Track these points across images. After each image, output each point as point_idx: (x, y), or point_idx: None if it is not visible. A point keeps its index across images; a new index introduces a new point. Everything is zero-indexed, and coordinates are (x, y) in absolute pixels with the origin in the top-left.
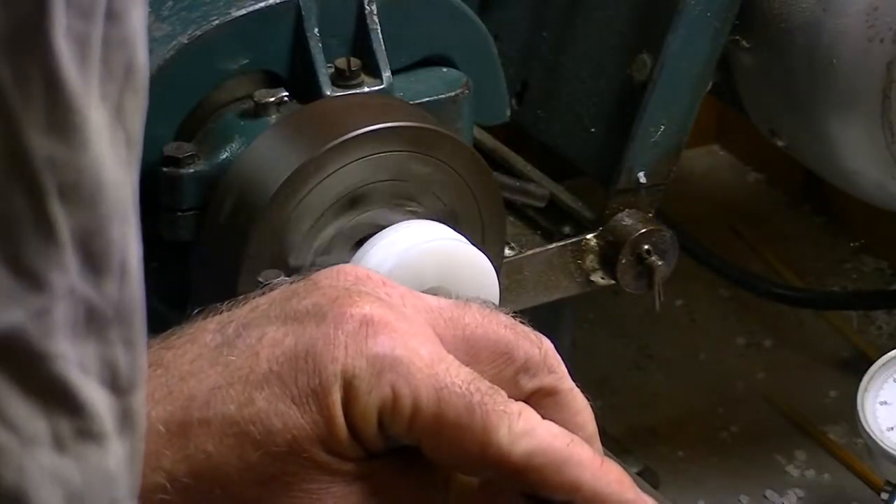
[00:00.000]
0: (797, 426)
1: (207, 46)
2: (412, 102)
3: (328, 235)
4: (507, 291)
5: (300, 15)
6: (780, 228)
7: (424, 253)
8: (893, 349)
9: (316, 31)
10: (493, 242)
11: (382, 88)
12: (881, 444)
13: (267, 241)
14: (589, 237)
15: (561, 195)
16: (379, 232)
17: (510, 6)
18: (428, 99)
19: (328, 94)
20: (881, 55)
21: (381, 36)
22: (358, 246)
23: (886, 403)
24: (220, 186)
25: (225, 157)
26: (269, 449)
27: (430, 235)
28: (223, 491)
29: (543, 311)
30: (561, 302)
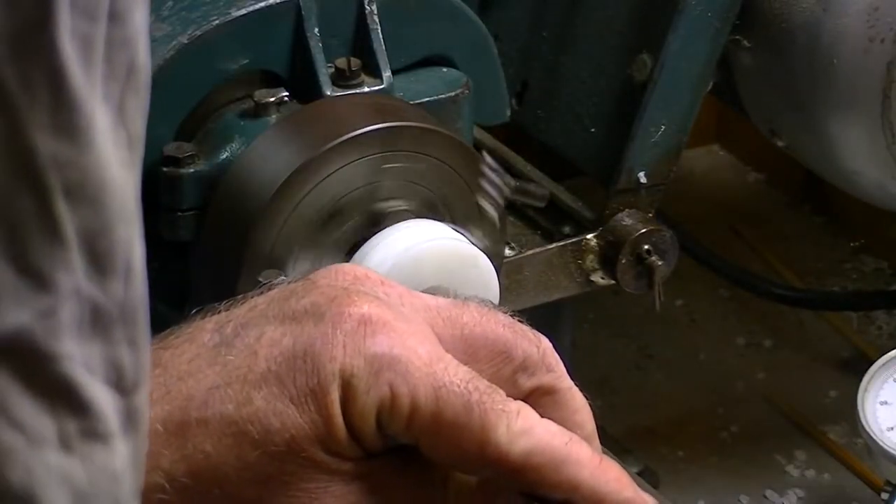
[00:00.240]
0: (797, 426)
1: (207, 46)
2: (412, 102)
3: (328, 235)
4: (507, 291)
5: (300, 15)
6: (780, 228)
7: (424, 252)
8: (893, 349)
9: (316, 31)
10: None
11: (382, 88)
12: (881, 444)
13: (267, 241)
14: (589, 237)
15: (561, 195)
16: (379, 232)
17: (510, 6)
18: (428, 99)
19: (328, 94)
20: (881, 55)
21: (381, 36)
22: (357, 246)
23: (886, 403)
24: (220, 186)
25: (225, 157)
26: (267, 448)
27: (429, 235)
28: (221, 490)
29: (543, 310)
30: (561, 302)
